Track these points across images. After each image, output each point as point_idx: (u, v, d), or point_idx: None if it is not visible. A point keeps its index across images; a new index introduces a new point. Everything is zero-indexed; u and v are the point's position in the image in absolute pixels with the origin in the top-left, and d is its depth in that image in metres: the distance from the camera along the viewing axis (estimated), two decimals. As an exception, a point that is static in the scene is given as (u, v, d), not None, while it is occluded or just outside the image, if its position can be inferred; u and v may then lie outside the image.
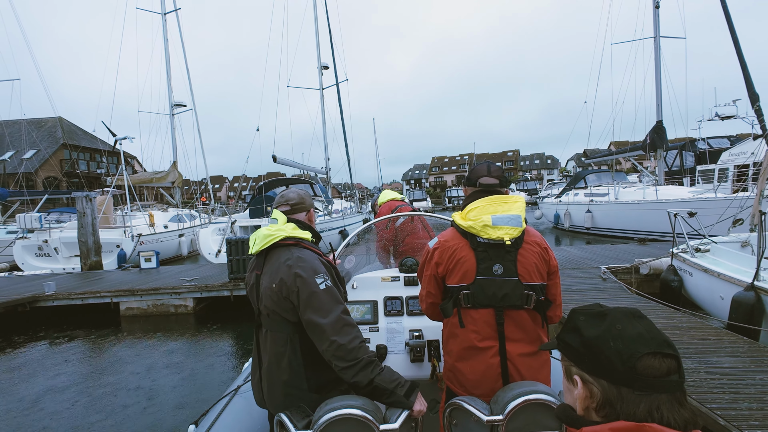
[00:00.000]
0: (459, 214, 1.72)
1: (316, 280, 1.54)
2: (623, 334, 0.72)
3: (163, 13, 18.74)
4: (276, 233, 1.65)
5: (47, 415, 4.15)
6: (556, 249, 10.76)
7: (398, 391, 1.47)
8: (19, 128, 26.31)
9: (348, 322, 1.53)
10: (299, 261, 1.58)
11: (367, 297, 2.45)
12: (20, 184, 19.44)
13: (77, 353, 6.04)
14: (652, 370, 0.69)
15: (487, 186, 1.71)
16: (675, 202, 12.13)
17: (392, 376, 1.51)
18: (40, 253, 11.99)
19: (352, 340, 1.49)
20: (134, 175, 17.38)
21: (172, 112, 18.78)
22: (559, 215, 19.15)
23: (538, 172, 72.33)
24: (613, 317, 0.76)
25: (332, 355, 1.48)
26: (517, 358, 1.57)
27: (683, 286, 5.83)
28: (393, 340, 2.27)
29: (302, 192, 1.86)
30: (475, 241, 1.61)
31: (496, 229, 1.59)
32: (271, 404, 1.63)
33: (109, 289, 7.79)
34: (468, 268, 1.60)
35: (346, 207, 19.68)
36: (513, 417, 1.34)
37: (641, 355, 0.69)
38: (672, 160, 19.23)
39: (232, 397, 2.17)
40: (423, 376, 2.15)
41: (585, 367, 0.76)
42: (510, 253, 1.59)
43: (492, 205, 1.63)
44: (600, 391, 0.73)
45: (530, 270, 1.60)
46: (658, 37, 16.38)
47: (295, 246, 1.65)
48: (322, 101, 19.53)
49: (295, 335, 1.58)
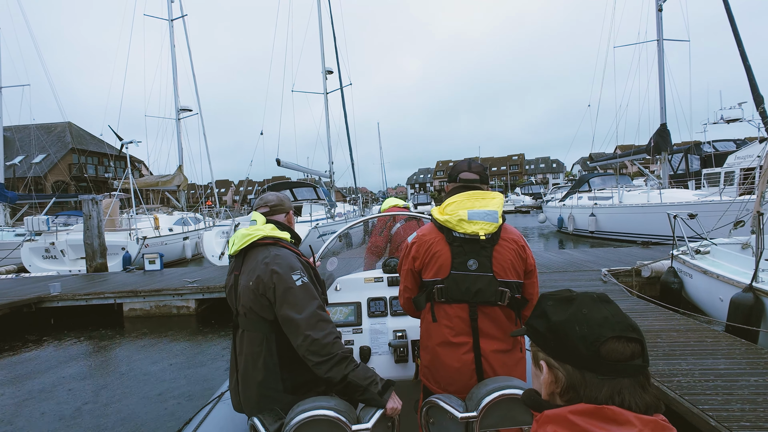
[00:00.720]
0: (437, 208, 1.73)
1: (292, 277, 1.54)
2: (588, 318, 0.73)
3: (170, 20, 19.07)
4: (254, 233, 1.66)
5: (44, 413, 4.21)
6: (559, 252, 10.72)
7: (372, 389, 1.47)
8: (29, 133, 26.80)
9: (323, 318, 1.53)
10: (276, 258, 1.58)
11: (350, 299, 2.42)
12: (29, 187, 19.78)
13: (80, 353, 6.12)
14: (615, 354, 0.69)
15: (466, 181, 1.72)
16: (679, 205, 12.05)
17: (366, 373, 1.51)
18: (47, 255, 12.17)
19: (326, 335, 1.49)
20: (140, 179, 17.62)
21: (178, 116, 19.05)
22: (563, 219, 19.08)
23: (543, 176, 72.05)
24: (580, 302, 0.77)
25: (306, 350, 1.48)
26: (491, 355, 1.57)
27: (683, 288, 5.79)
28: (377, 341, 2.24)
29: (281, 195, 1.88)
30: (451, 236, 1.61)
31: (472, 223, 1.58)
32: (247, 406, 1.62)
33: (113, 291, 7.90)
34: (443, 262, 1.60)
35: (349, 210, 19.74)
36: (487, 413, 1.34)
37: (605, 339, 0.70)
38: (677, 164, 19.10)
39: (215, 405, 2.13)
40: (407, 376, 2.12)
41: (551, 351, 0.76)
42: (485, 248, 1.59)
43: (469, 201, 1.64)
44: (564, 376, 0.73)
45: (505, 267, 1.59)
46: (661, 40, 16.36)
47: (273, 245, 1.65)
48: (326, 105, 19.69)
49: (272, 334, 1.58)
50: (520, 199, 48.14)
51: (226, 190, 74.79)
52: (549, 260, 8.99)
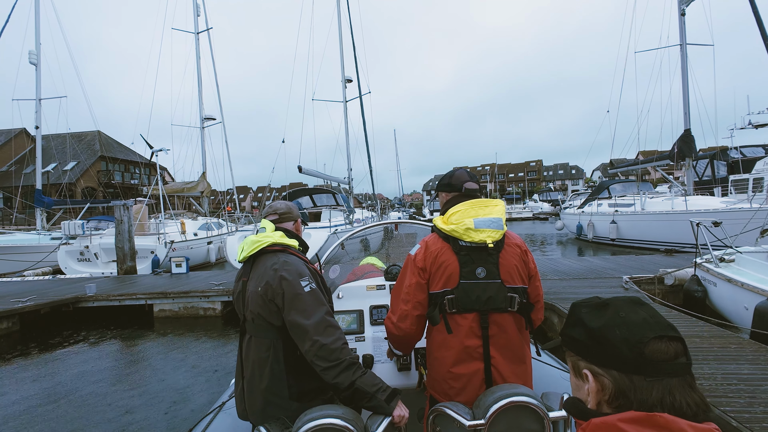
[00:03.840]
0: (440, 218, 1.71)
1: (301, 283, 1.55)
2: (627, 321, 0.72)
3: (196, 33, 19.87)
4: (264, 239, 1.68)
5: (77, 407, 4.49)
6: (578, 259, 10.64)
7: (379, 396, 1.46)
8: (63, 141, 28.12)
9: (331, 324, 1.54)
10: (285, 265, 1.60)
11: (352, 306, 2.40)
12: (63, 193, 20.77)
13: (113, 350, 6.46)
14: (660, 354, 0.68)
15: (471, 191, 1.73)
16: (705, 212, 11.79)
17: (374, 380, 1.50)
18: (82, 258, 12.79)
19: (335, 340, 1.49)
20: (167, 185, 18.29)
21: (202, 125, 19.74)
22: (582, 226, 18.81)
23: (562, 183, 70.98)
24: (616, 306, 0.76)
25: (314, 355, 1.47)
26: (502, 363, 1.56)
27: (707, 296, 5.73)
28: (379, 349, 2.22)
29: (290, 203, 1.92)
30: (458, 245, 1.60)
31: (479, 232, 1.58)
32: (252, 413, 1.61)
33: (144, 292, 8.28)
34: (452, 272, 1.58)
35: (367, 217, 19.97)
36: (495, 420, 1.32)
37: (648, 340, 0.69)
38: (702, 170, 18.64)
39: (216, 414, 2.09)
40: (410, 384, 2.11)
41: (593, 359, 0.74)
42: (492, 255, 1.59)
43: (473, 209, 1.64)
44: (611, 382, 0.71)
45: (512, 273, 1.60)
46: (684, 45, 16.10)
47: (282, 252, 1.67)
48: (346, 114, 20.08)
49: (279, 341, 1.58)
50: (538, 205, 47.61)
51: (244, 196, 76.32)
52: (568, 267, 8.95)
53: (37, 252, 13.85)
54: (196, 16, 19.90)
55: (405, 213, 37.76)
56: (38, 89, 17.13)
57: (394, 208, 46.60)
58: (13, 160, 29.62)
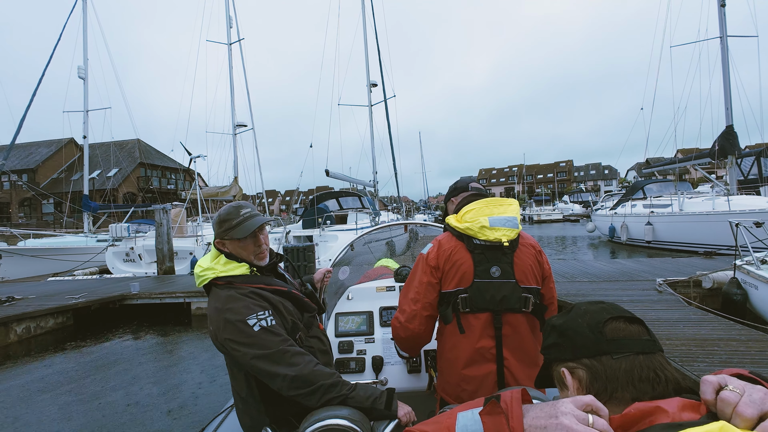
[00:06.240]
0: (453, 217, 1.68)
1: (248, 323, 1.40)
2: (588, 311, 0.80)
3: (228, 44, 20.73)
4: (203, 275, 1.52)
5: (110, 400, 4.86)
6: (610, 262, 10.36)
7: (377, 406, 1.40)
8: (106, 149, 29.99)
9: (294, 352, 1.41)
10: (227, 303, 1.44)
11: (362, 308, 2.39)
12: (107, 198, 22.15)
13: (155, 345, 6.92)
14: (619, 332, 0.73)
15: (478, 189, 1.74)
16: (750, 212, 11.18)
17: (366, 391, 1.42)
18: (127, 258, 13.65)
19: (303, 366, 1.38)
20: (203, 189, 19.16)
21: (234, 131, 20.55)
22: (615, 228, 18.19)
23: (594, 183, 68.54)
24: (577, 305, 0.85)
25: (289, 388, 1.37)
26: (515, 365, 1.52)
27: (748, 299, 5.49)
28: (389, 350, 2.20)
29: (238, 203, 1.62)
30: (472, 243, 1.56)
31: (494, 230, 1.55)
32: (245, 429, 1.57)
33: (182, 291, 8.77)
34: (466, 270, 1.55)
35: (392, 219, 20.12)
36: None
37: (606, 320, 0.76)
38: (748, 168, 17.63)
39: (228, 414, 2.09)
40: (420, 387, 2.09)
41: (565, 354, 0.78)
42: (507, 255, 1.56)
43: (488, 207, 1.62)
44: (585, 371, 0.74)
45: (527, 272, 1.57)
46: (725, 37, 15.34)
47: (226, 286, 1.50)
48: (371, 117, 20.36)
49: (250, 376, 1.47)
50: (568, 207, 46.21)
51: (273, 200, 78.19)
52: (599, 270, 8.75)
53: (85, 253, 14.89)
54: (229, 27, 20.76)
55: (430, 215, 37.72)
56: (86, 102, 18.40)
57: (419, 210, 46.55)
58: (62, 168, 31.87)
